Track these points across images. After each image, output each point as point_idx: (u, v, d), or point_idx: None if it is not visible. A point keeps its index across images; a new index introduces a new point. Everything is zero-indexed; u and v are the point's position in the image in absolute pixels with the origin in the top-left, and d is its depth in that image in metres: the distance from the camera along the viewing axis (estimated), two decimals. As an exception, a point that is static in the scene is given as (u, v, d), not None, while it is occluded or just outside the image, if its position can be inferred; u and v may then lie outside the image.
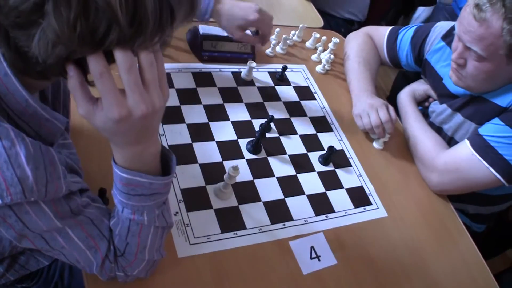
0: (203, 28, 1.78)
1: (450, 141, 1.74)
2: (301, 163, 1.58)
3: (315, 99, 1.85)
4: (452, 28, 1.74)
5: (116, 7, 0.67)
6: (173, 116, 1.54)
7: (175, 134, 1.49)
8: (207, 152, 1.49)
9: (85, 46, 0.71)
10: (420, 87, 1.90)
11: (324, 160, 1.60)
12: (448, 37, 1.78)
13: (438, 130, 1.77)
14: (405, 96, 1.89)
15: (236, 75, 1.79)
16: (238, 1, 1.67)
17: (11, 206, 0.83)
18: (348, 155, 1.68)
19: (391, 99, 2.16)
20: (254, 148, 1.54)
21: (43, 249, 0.95)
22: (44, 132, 0.93)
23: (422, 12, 3.75)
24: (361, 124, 1.73)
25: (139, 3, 0.69)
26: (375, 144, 1.76)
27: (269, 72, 1.87)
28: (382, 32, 2.01)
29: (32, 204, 0.85)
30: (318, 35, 2.08)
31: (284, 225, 1.38)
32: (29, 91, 0.85)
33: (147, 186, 0.95)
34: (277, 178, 1.50)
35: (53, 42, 0.69)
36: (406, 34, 1.93)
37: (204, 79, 1.72)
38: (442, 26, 1.84)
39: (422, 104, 1.91)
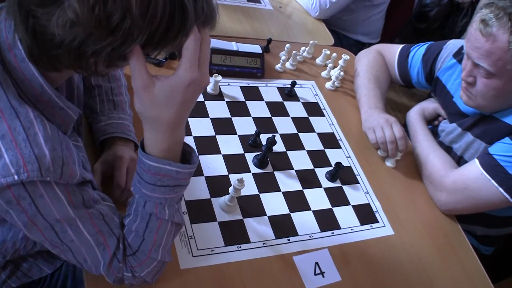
0: (213, 42, 1.79)
1: (460, 161, 1.72)
2: (308, 179, 1.56)
3: (323, 115, 1.84)
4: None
5: None
6: (180, 128, 1.54)
7: (182, 146, 1.49)
8: (213, 165, 1.48)
9: (100, 30, 0.76)
10: (429, 105, 1.89)
11: (331, 176, 1.59)
12: (459, 54, 1.77)
13: (448, 149, 1.76)
14: (414, 115, 1.88)
15: (245, 89, 1.79)
16: None
17: (26, 187, 0.85)
18: (355, 172, 1.66)
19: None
20: (260, 162, 1.53)
21: (52, 241, 0.95)
22: (57, 121, 0.96)
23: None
24: (374, 138, 1.72)
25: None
26: (387, 163, 1.75)
27: (278, 88, 1.87)
28: (393, 50, 2.01)
29: (47, 187, 0.87)
30: (328, 52, 2.08)
31: (289, 240, 1.37)
32: None
33: (174, 176, 0.98)
34: (283, 192, 1.49)
35: (72, 21, 0.75)
36: (418, 52, 1.92)
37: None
38: (454, 44, 1.84)
39: (431, 123, 1.90)
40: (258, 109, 1.74)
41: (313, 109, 1.85)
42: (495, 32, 1.40)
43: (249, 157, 1.55)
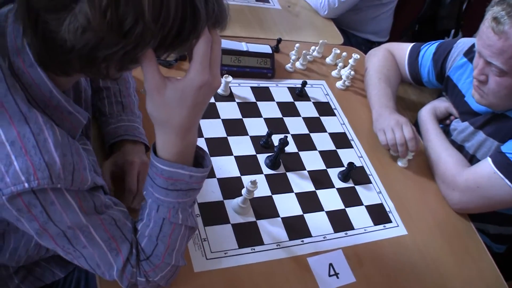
0: (223, 43, 1.77)
1: (472, 160, 1.71)
2: (320, 179, 1.56)
3: (335, 115, 1.83)
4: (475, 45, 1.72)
5: (144, 2, 0.73)
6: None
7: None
8: (225, 166, 1.48)
9: (112, 35, 0.75)
10: (441, 104, 1.88)
11: (343, 177, 1.58)
12: (470, 53, 1.76)
13: (460, 148, 1.75)
14: (426, 113, 1.87)
15: (256, 89, 1.78)
16: None
17: (36, 194, 0.84)
18: (368, 172, 1.66)
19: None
20: (272, 163, 1.52)
21: (65, 248, 0.94)
22: (66, 126, 0.95)
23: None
24: (384, 139, 1.70)
25: (165, 2, 0.75)
26: (399, 163, 1.74)
27: (288, 88, 1.86)
28: (403, 48, 1.99)
29: (58, 194, 0.86)
30: (338, 51, 2.07)
31: (303, 241, 1.36)
32: None
33: (187, 180, 0.97)
34: (296, 193, 1.48)
35: (84, 27, 0.73)
36: (428, 50, 1.91)
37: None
38: (464, 42, 1.83)
39: (443, 122, 1.89)
40: (269, 109, 1.73)
41: (324, 109, 1.84)
42: (507, 30, 1.39)
43: (261, 158, 1.54)
